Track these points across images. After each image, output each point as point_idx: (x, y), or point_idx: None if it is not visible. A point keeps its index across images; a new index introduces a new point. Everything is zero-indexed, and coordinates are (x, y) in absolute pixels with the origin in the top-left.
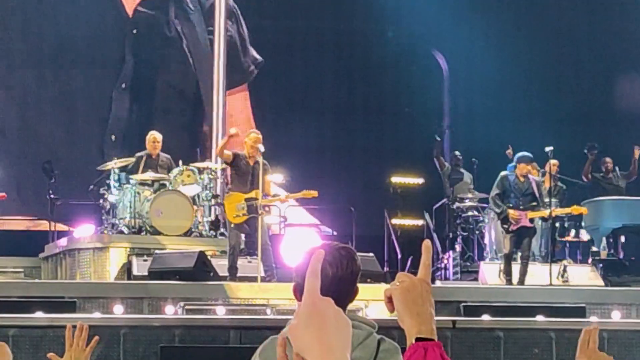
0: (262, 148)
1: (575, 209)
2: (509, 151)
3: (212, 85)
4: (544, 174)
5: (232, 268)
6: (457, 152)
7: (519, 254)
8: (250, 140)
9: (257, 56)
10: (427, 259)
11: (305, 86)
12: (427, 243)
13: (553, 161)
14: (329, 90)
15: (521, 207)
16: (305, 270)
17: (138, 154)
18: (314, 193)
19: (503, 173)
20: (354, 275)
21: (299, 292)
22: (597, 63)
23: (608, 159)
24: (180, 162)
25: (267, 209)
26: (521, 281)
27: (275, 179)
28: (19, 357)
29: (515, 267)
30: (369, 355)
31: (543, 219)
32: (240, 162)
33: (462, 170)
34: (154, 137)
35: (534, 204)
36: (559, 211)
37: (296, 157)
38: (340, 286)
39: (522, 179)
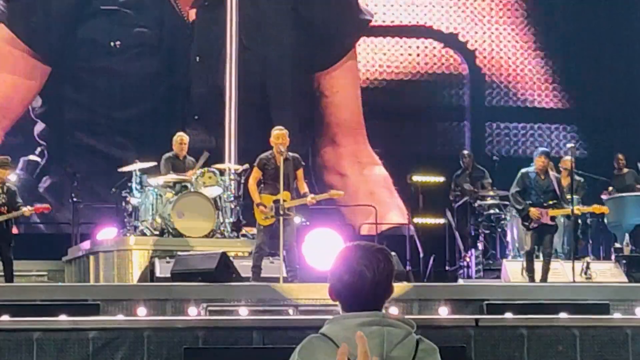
0: (282, 148)
1: (596, 208)
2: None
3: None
4: (560, 171)
5: (256, 267)
6: (465, 152)
7: (541, 251)
8: (273, 137)
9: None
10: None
11: None
12: (359, 334)
13: (567, 158)
14: None
15: (544, 205)
16: (338, 271)
17: (165, 155)
18: (341, 193)
19: (523, 170)
20: (390, 277)
21: (334, 294)
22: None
23: (620, 156)
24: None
25: (293, 211)
26: (544, 278)
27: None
28: None
29: (538, 265)
30: (408, 354)
31: (567, 216)
32: (266, 166)
33: (479, 166)
34: (182, 138)
35: (555, 201)
36: (581, 210)
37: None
38: (377, 289)
39: (542, 176)
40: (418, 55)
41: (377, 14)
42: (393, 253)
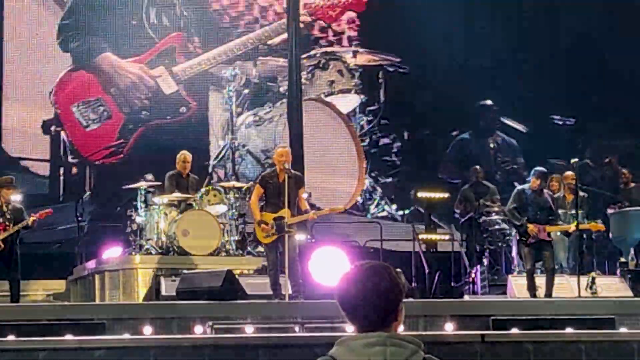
0: (287, 166)
1: (593, 226)
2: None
3: None
4: (563, 186)
5: (275, 285)
6: (477, 167)
7: (543, 266)
8: (277, 155)
9: None
10: None
11: None
12: None
13: (569, 173)
14: None
15: (541, 221)
16: (341, 288)
17: (169, 174)
18: (341, 208)
19: (519, 187)
20: (394, 293)
21: (344, 314)
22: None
23: (625, 171)
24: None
25: (294, 227)
26: (549, 293)
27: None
28: None
29: (539, 280)
30: None
31: (565, 233)
32: (268, 184)
33: (486, 183)
34: (185, 157)
35: (551, 217)
36: (580, 227)
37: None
38: (380, 301)
39: (538, 194)
40: None
41: None
42: (398, 269)
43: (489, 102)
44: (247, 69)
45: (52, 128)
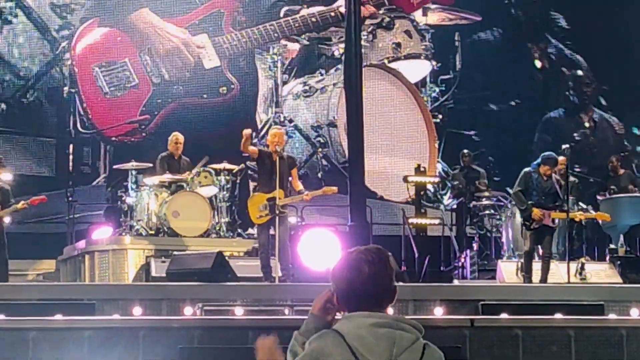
0: (278, 148)
1: (599, 215)
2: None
3: None
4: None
5: (266, 267)
6: (465, 151)
7: (541, 251)
8: (270, 136)
9: None
10: None
11: None
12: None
13: (560, 158)
14: None
15: (545, 206)
16: (340, 275)
17: (160, 155)
18: (334, 189)
19: (526, 170)
20: (389, 275)
21: (338, 298)
22: None
23: (613, 158)
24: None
25: (287, 208)
26: (544, 279)
27: None
28: (39, 359)
29: (536, 265)
30: (415, 359)
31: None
32: (265, 159)
33: (475, 167)
34: (177, 138)
35: (557, 203)
36: (583, 215)
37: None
38: (378, 284)
39: (545, 178)
40: None
41: None
42: (389, 254)
43: (580, 72)
44: None
45: (66, 89)
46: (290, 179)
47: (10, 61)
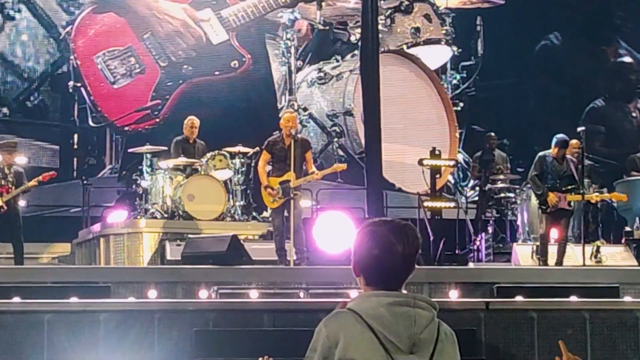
0: (293, 131)
1: (614, 196)
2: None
3: None
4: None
5: (281, 250)
6: (492, 134)
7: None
8: (283, 120)
9: None
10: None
11: None
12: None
13: (574, 141)
14: None
15: (561, 189)
16: (366, 245)
17: (175, 139)
18: (343, 166)
19: (541, 153)
20: (417, 253)
21: (357, 269)
22: None
23: None
24: None
25: (300, 191)
26: (559, 262)
27: None
28: (54, 342)
29: (552, 248)
30: (432, 337)
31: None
32: (275, 148)
33: (493, 152)
34: (192, 122)
35: (573, 186)
36: (599, 197)
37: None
38: (407, 263)
39: (559, 161)
40: None
41: None
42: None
43: (628, 59)
44: (310, 12)
45: (71, 83)
46: (304, 162)
47: (13, 61)
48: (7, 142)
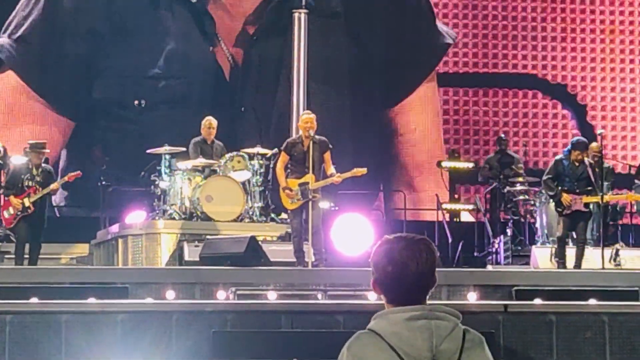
0: (311, 133)
1: (630, 197)
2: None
3: None
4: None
5: (299, 252)
6: (502, 135)
7: (575, 237)
8: (301, 122)
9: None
10: None
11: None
12: None
13: (593, 144)
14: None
15: (577, 192)
16: (381, 263)
17: (193, 140)
18: (364, 170)
19: (557, 157)
20: (433, 268)
21: (377, 286)
22: None
23: None
24: None
25: (319, 193)
26: (578, 265)
27: None
28: (72, 342)
29: (571, 251)
30: (456, 347)
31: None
32: (293, 150)
33: (510, 153)
34: (210, 123)
35: (589, 188)
36: (613, 198)
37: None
38: (420, 281)
39: (576, 164)
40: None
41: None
42: (433, 246)
43: None
44: None
45: None
46: (323, 163)
47: None
48: (36, 143)
